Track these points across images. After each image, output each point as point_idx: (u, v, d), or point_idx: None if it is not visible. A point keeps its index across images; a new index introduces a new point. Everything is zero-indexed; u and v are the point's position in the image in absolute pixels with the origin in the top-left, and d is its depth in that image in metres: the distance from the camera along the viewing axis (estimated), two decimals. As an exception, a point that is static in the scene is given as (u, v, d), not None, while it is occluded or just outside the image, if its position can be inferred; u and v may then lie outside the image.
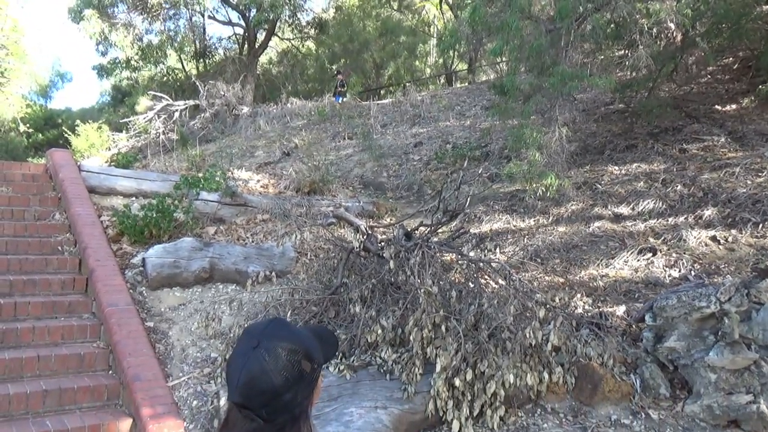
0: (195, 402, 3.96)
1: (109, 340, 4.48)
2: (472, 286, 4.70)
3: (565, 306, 4.75)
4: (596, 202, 7.10)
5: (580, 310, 4.82)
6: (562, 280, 5.61)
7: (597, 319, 4.56)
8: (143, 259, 5.57)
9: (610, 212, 6.79)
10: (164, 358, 4.44)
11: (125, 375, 4.05)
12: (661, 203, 6.60)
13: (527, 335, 3.82)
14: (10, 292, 4.94)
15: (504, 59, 14.94)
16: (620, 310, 4.83)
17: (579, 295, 5.09)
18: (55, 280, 5.22)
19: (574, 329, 4.38)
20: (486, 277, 5.16)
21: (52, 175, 7.23)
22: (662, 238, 5.97)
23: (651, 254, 5.71)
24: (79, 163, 7.69)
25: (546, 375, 3.86)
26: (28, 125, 19.51)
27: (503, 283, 5.05)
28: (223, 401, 3.64)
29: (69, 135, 14.64)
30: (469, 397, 3.68)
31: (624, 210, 6.73)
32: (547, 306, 4.33)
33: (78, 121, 15.11)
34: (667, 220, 6.29)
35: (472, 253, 5.21)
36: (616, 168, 7.78)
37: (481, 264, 5.17)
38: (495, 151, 9.64)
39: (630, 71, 9.15)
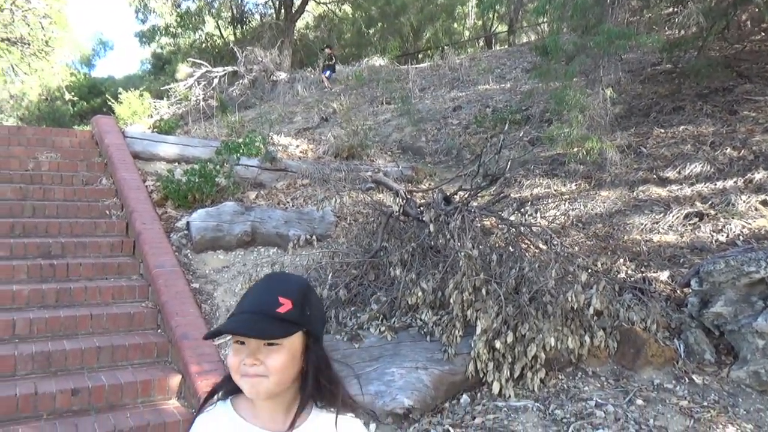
0: (240, 360, 4.09)
1: (157, 301, 4.64)
2: (512, 250, 4.66)
3: (608, 271, 4.68)
4: (641, 166, 6.91)
5: (622, 275, 4.74)
6: (604, 245, 5.52)
7: (640, 284, 4.48)
8: (187, 223, 5.70)
9: (655, 176, 6.60)
10: (210, 318, 4.57)
11: (174, 333, 4.19)
12: (709, 167, 6.38)
13: (569, 299, 3.79)
14: (62, 253, 5.14)
15: (546, 19, 14.49)
16: (664, 275, 4.73)
17: (622, 260, 5.00)
18: (104, 242, 5.40)
19: (617, 294, 4.32)
20: (526, 241, 5.11)
21: (98, 142, 7.42)
22: (710, 202, 5.78)
23: (698, 219, 5.55)
24: (123, 130, 7.86)
25: (587, 339, 3.83)
26: (73, 94, 20.00)
27: (544, 247, 5.00)
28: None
29: (112, 103, 14.95)
30: (510, 360, 3.69)
31: (670, 174, 6.53)
32: (589, 270, 4.28)
33: (120, 89, 15.40)
34: (715, 184, 6.08)
35: (512, 218, 5.16)
36: (662, 131, 7.52)
37: (522, 228, 5.13)
38: (536, 114, 9.44)
39: (679, 29, 8.76)
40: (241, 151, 7.23)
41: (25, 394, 3.51)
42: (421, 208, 5.26)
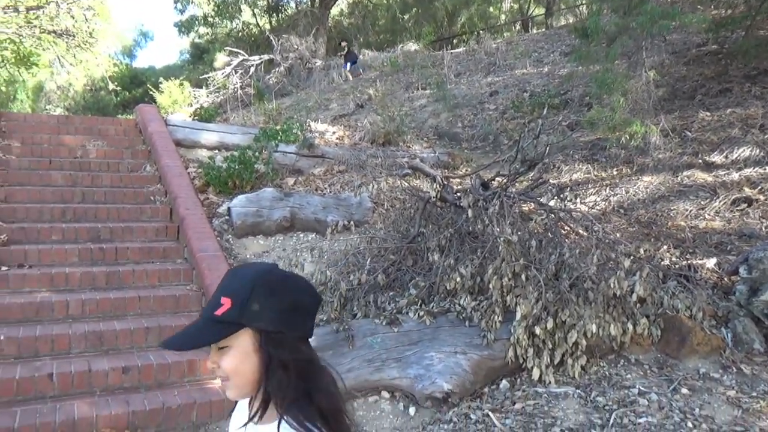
0: (282, 342, 4.17)
1: (201, 284, 4.76)
2: (551, 236, 4.62)
3: (651, 257, 4.59)
4: (685, 150, 6.71)
5: (666, 262, 4.64)
6: (647, 231, 5.41)
7: (685, 271, 4.38)
8: (228, 209, 5.82)
9: (700, 161, 6.41)
10: (252, 302, 4.67)
11: (217, 316, 4.30)
12: (758, 150, 6.16)
13: (611, 285, 3.74)
14: (111, 238, 5.32)
15: (585, 0, 14.12)
16: (711, 262, 4.61)
17: (666, 247, 4.89)
18: (149, 227, 5.56)
19: (661, 281, 4.24)
20: (566, 227, 5.05)
21: (142, 130, 7.60)
22: (759, 187, 5.60)
23: (746, 205, 5.38)
24: (165, 118, 8.03)
25: (630, 326, 3.78)
26: (115, 84, 20.50)
27: (584, 233, 4.93)
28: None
29: (153, 92, 15.24)
30: (550, 346, 3.68)
31: (716, 158, 6.33)
32: (632, 257, 4.21)
33: (161, 79, 15.70)
34: (765, 169, 5.87)
35: (551, 203, 5.09)
36: (708, 114, 7.29)
37: (562, 214, 5.06)
38: (575, 98, 9.26)
39: (725, 8, 8.44)
40: (279, 138, 7.31)
41: (79, 371, 3.66)
42: (459, 193, 5.25)
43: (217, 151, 7.46)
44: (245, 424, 1.17)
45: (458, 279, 4.09)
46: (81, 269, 4.72)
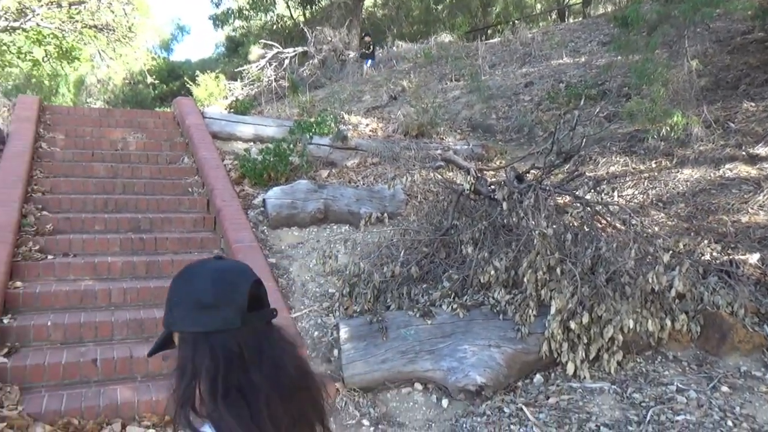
0: (316, 333, 4.23)
1: (237, 274, 4.84)
2: (587, 229, 4.55)
3: (691, 252, 4.49)
4: (728, 142, 6.52)
5: (707, 257, 4.53)
6: (687, 225, 5.28)
7: (727, 266, 4.27)
8: (263, 200, 5.90)
9: (744, 153, 6.22)
10: (286, 292, 4.74)
11: (253, 306, 4.37)
12: (807, 143, 5.94)
13: (649, 280, 3.67)
14: (150, 228, 5.46)
15: (625, -12, 13.79)
16: (754, 258, 4.48)
17: (706, 242, 4.77)
18: (187, 218, 5.68)
19: (701, 276, 4.14)
20: (603, 220, 4.97)
21: (180, 122, 7.75)
22: (807, 181, 5.41)
23: (792, 199, 5.20)
24: (202, 111, 8.17)
25: (668, 322, 3.71)
26: (153, 77, 20.94)
27: (622, 227, 4.85)
28: (342, 332, 3.85)
29: (190, 85, 15.52)
30: (585, 341, 3.64)
31: (761, 150, 6.13)
32: (671, 251, 4.12)
33: (198, 72, 15.95)
34: (814, 162, 5.66)
35: (588, 196, 5.01)
36: (753, 104, 7.05)
37: (598, 207, 4.98)
38: (613, 89, 9.06)
39: (774, -6, 8.12)
40: (313, 130, 7.36)
41: (121, 357, 3.78)
42: (492, 186, 5.21)
43: (252, 143, 7.56)
44: None
45: (492, 272, 4.07)
46: (122, 258, 4.86)
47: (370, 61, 14.88)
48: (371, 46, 15.22)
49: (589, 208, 4.88)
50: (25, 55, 15.01)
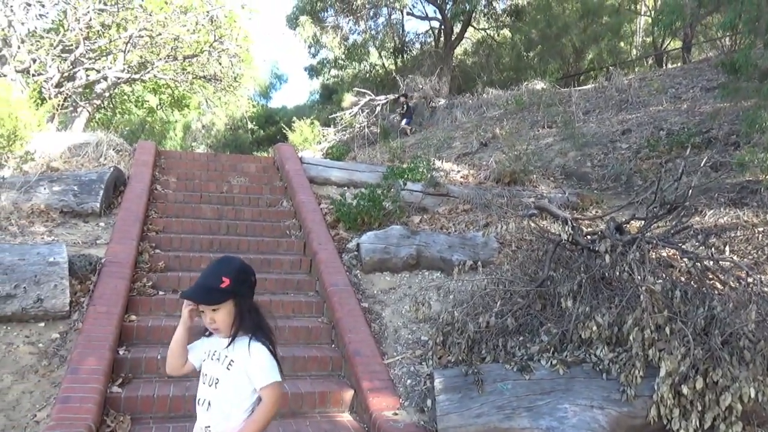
0: (409, 381, 4.20)
1: (332, 317, 4.94)
2: (696, 286, 4.29)
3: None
4: None
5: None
6: (811, 285, 4.84)
7: None
8: (357, 245, 6.02)
9: None
10: (379, 337, 4.77)
11: (347, 350, 4.43)
12: None
13: (772, 346, 3.39)
14: (251, 269, 5.69)
15: (727, 34, 13.23)
16: None
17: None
18: (285, 260, 5.89)
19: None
20: (714, 277, 4.67)
21: (279, 167, 8.14)
22: None
23: None
24: (300, 156, 8.55)
25: (796, 393, 3.38)
26: (253, 122, 22.23)
27: (736, 284, 4.52)
28: (437, 383, 3.80)
29: (286, 130, 16.35)
30: (699, 408, 3.38)
31: None
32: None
33: (294, 118, 16.78)
34: None
35: (698, 251, 4.74)
36: None
37: (709, 263, 4.69)
38: (720, 137, 8.61)
39: None
40: (406, 176, 7.49)
41: (222, 395, 3.91)
42: (591, 237, 5.04)
43: (345, 188, 7.79)
44: (228, 344, 2.12)
45: (594, 328, 3.90)
46: (225, 297, 5.09)
47: (406, 120, 15.13)
48: (405, 106, 15.49)
49: (698, 264, 4.60)
50: (142, 103, 16.43)
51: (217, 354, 2.17)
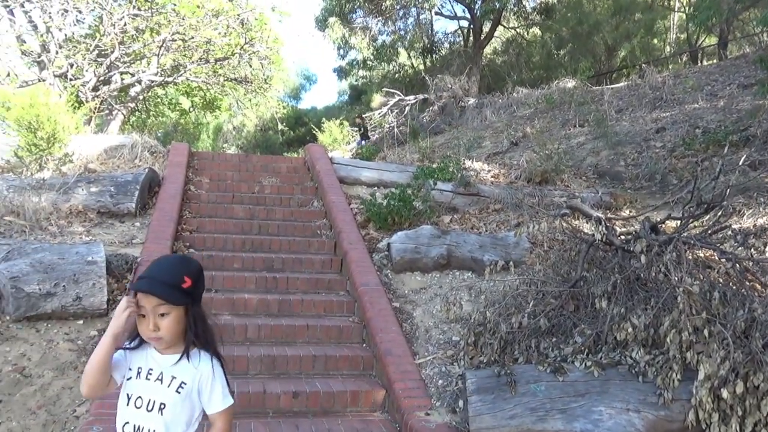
0: (440, 381, 4.19)
1: (363, 316, 4.96)
2: (735, 288, 4.18)
3: None
4: None
5: None
6: None
7: None
8: (388, 244, 6.03)
9: None
10: (410, 337, 4.77)
11: (378, 349, 4.44)
12: None
13: (817, 350, 3.28)
14: (282, 268, 5.76)
15: (766, 29, 12.87)
16: None
17: None
18: (316, 259, 5.94)
19: None
20: (754, 279, 4.54)
21: (310, 167, 8.20)
22: None
23: None
24: (330, 156, 8.60)
25: (842, 399, 3.27)
26: (283, 124, 22.46)
27: (778, 287, 4.40)
28: (469, 383, 3.78)
29: (316, 131, 16.48)
30: (739, 413, 3.30)
31: None
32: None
33: (324, 119, 16.91)
34: None
35: (738, 251, 4.62)
36: None
37: (749, 264, 4.57)
38: (758, 135, 8.37)
39: None
40: (436, 176, 7.47)
41: (255, 392, 3.97)
42: (626, 236, 4.96)
43: (375, 188, 7.81)
44: (179, 360, 1.81)
45: (630, 330, 3.84)
46: (257, 296, 5.16)
47: (358, 141, 15.51)
48: (362, 128, 16.18)
49: (737, 265, 4.49)
50: (175, 105, 16.74)
51: (154, 372, 1.81)
